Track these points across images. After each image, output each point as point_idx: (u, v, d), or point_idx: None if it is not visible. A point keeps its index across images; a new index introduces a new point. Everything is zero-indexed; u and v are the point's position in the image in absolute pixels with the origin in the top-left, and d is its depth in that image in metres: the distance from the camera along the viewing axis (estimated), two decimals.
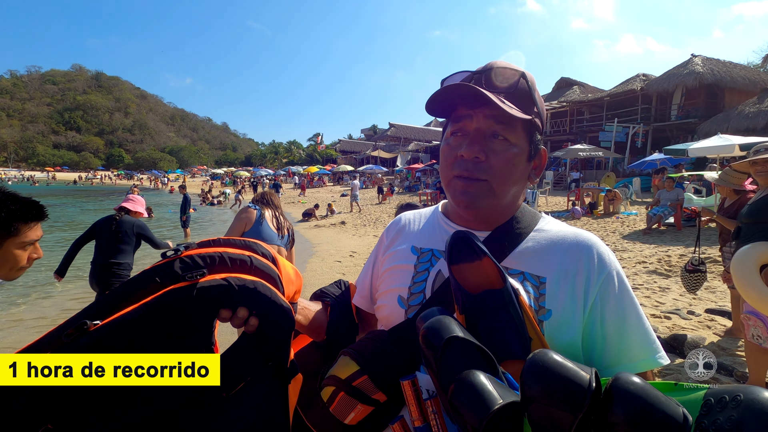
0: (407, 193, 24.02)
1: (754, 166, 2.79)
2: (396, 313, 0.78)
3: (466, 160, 0.73)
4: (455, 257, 0.69)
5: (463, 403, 0.49)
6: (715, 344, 3.50)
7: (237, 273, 0.66)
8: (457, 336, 0.56)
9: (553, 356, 0.46)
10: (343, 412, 0.67)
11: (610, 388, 0.44)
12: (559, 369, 0.44)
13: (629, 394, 0.42)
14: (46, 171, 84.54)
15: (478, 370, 0.51)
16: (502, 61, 0.78)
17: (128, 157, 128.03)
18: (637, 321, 0.71)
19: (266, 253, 0.74)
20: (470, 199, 0.73)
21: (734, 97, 19.87)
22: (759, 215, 2.71)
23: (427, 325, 0.58)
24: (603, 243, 0.76)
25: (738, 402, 0.41)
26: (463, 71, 0.78)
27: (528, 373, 0.46)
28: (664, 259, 6.65)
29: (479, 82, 0.74)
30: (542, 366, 0.45)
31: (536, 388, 0.44)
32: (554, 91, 32.28)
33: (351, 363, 0.68)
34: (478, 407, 0.47)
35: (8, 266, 1.30)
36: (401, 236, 0.88)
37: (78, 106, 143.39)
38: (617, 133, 20.59)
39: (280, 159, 70.05)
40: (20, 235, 1.28)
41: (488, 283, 0.66)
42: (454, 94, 0.74)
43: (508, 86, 0.74)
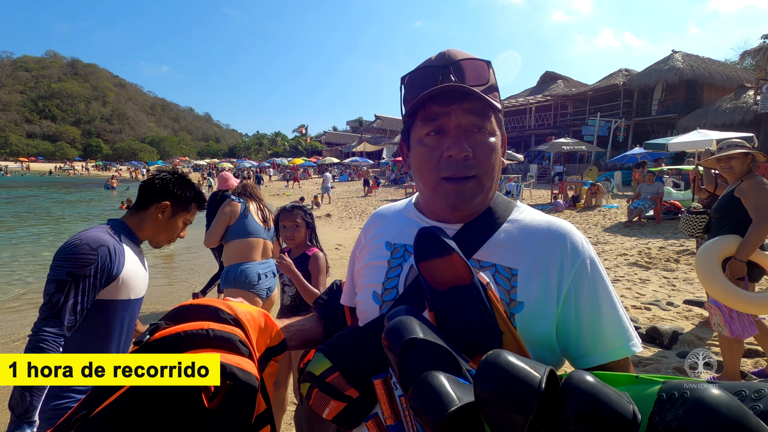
0: (393, 185, 24.03)
1: (719, 163, 2.89)
2: (371, 309, 0.78)
3: (455, 159, 0.70)
4: (424, 253, 0.69)
5: (421, 405, 0.49)
6: (692, 334, 3.60)
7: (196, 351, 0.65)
8: (415, 338, 0.56)
9: (506, 357, 0.46)
10: (319, 407, 0.68)
11: (563, 387, 0.44)
12: (510, 370, 0.44)
13: (580, 392, 0.43)
14: (20, 161, 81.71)
15: (437, 371, 0.52)
16: (456, 50, 0.76)
17: (107, 147, 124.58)
18: (610, 309, 0.70)
19: (227, 317, 0.72)
20: (465, 200, 0.72)
21: (712, 93, 20.41)
22: (726, 210, 2.81)
23: (388, 326, 0.58)
24: (577, 231, 0.75)
25: (685, 399, 0.41)
26: (426, 66, 0.76)
27: (480, 375, 0.46)
28: (644, 251, 6.81)
29: (447, 76, 0.72)
30: (494, 367, 0.45)
31: (488, 390, 0.45)
32: (539, 84, 32.60)
33: (324, 360, 0.69)
34: (435, 409, 0.48)
35: (169, 235, 1.59)
36: (377, 231, 0.88)
37: (53, 95, 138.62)
38: (600, 128, 20.95)
39: (265, 150, 69.18)
40: (189, 213, 1.63)
41: (458, 279, 0.66)
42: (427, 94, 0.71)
43: (482, 81, 0.73)
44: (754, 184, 2.65)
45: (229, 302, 0.75)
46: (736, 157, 2.77)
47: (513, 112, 30.31)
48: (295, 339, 0.86)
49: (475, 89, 0.70)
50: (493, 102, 0.72)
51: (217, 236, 2.97)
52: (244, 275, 2.90)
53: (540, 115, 28.25)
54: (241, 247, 2.97)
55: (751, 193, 2.63)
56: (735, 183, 2.80)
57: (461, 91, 0.70)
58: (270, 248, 3.15)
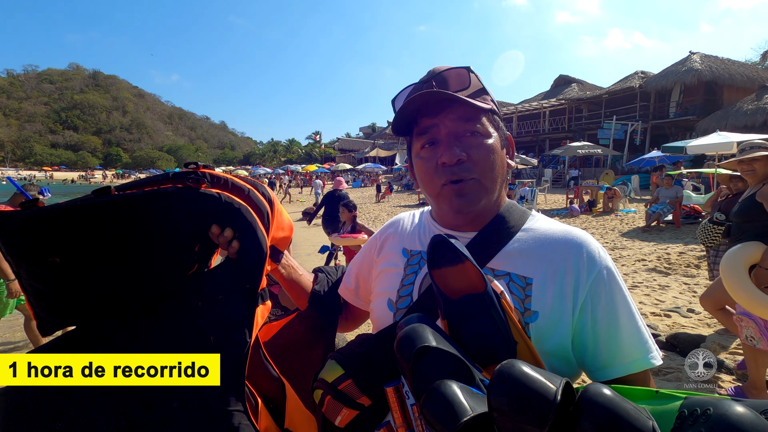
0: (406, 191, 24.03)
1: (741, 165, 2.79)
2: (385, 316, 0.78)
3: (449, 165, 0.71)
4: (437, 261, 0.69)
5: (433, 414, 0.49)
6: (714, 342, 3.50)
7: (232, 195, 0.71)
8: (428, 346, 0.55)
9: (521, 367, 0.45)
10: (331, 415, 0.68)
11: (579, 400, 0.43)
12: (525, 381, 0.43)
13: (597, 406, 0.41)
14: (44, 170, 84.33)
15: (450, 380, 0.51)
16: (441, 66, 0.78)
17: (126, 156, 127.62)
18: (629, 320, 0.68)
19: (266, 194, 0.78)
20: (467, 201, 0.72)
21: (732, 95, 19.90)
22: (748, 214, 2.71)
23: (401, 334, 0.58)
24: (594, 240, 0.74)
25: (708, 417, 0.39)
26: (409, 85, 0.78)
27: (494, 385, 0.45)
28: (663, 256, 6.65)
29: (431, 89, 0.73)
30: (508, 378, 0.44)
31: (502, 401, 0.44)
32: (553, 88, 32.28)
33: (337, 367, 0.69)
34: (447, 418, 0.47)
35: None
36: (394, 238, 0.88)
37: (75, 105, 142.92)
38: (616, 131, 20.62)
39: (279, 157, 69.91)
40: None
41: (471, 287, 0.65)
42: (411, 109, 0.73)
43: (464, 85, 0.74)
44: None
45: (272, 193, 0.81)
46: (759, 159, 2.67)
47: (527, 116, 30.06)
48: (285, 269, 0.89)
49: (454, 94, 0.71)
50: (480, 104, 0.72)
51: None
52: None
53: (554, 119, 27.94)
54: None
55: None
56: (756, 186, 2.70)
57: (444, 99, 0.71)
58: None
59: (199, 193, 0.67)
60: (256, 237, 0.69)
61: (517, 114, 30.22)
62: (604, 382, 0.63)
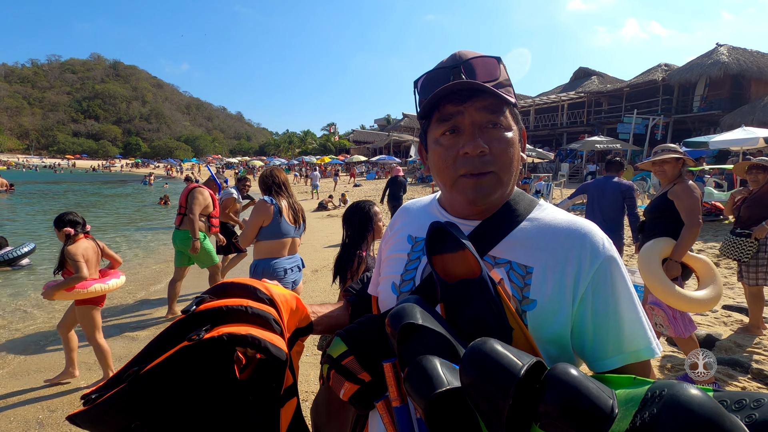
0: (420, 184, 23.95)
1: (654, 166, 3.08)
2: (389, 299, 0.81)
3: (471, 156, 0.71)
4: (438, 247, 0.71)
5: (412, 386, 0.51)
6: (730, 340, 3.45)
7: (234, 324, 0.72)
8: (413, 323, 0.58)
9: (492, 344, 0.47)
10: (336, 388, 0.72)
11: (545, 377, 0.45)
12: (494, 356, 0.46)
13: (560, 383, 0.43)
14: (67, 158, 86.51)
15: (433, 356, 0.53)
16: (467, 51, 0.77)
17: (145, 145, 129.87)
18: (630, 311, 0.69)
19: (264, 297, 0.78)
20: (483, 194, 0.73)
21: (761, 88, 19.22)
22: (659, 211, 3.02)
23: (392, 311, 0.61)
24: (599, 231, 0.73)
25: (661, 397, 0.41)
26: (438, 68, 0.77)
27: (466, 360, 0.47)
28: None
29: (458, 76, 0.73)
30: (479, 353, 0.47)
31: (471, 375, 0.46)
32: (572, 81, 31.65)
33: (341, 343, 0.72)
34: (423, 390, 0.50)
35: None
36: (402, 225, 0.91)
37: (96, 95, 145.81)
38: (636, 125, 20.11)
39: (294, 148, 70.30)
40: None
41: (471, 273, 0.67)
42: (438, 94, 0.72)
43: (493, 77, 0.74)
44: (685, 189, 2.86)
45: (267, 284, 0.81)
46: (668, 161, 2.99)
47: (544, 110, 29.54)
48: (321, 324, 0.91)
49: (486, 85, 0.71)
50: (506, 97, 0.73)
51: (251, 238, 3.10)
52: (271, 269, 3.07)
53: (573, 112, 27.42)
54: (272, 247, 3.11)
55: (683, 197, 2.84)
56: (667, 186, 3.00)
57: (473, 88, 0.71)
58: (298, 243, 3.27)
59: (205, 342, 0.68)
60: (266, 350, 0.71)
61: (534, 107, 29.72)
62: (603, 373, 0.65)
